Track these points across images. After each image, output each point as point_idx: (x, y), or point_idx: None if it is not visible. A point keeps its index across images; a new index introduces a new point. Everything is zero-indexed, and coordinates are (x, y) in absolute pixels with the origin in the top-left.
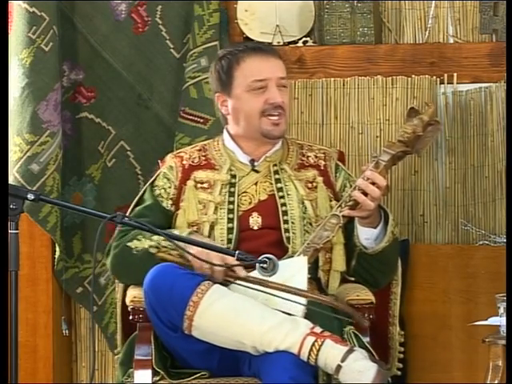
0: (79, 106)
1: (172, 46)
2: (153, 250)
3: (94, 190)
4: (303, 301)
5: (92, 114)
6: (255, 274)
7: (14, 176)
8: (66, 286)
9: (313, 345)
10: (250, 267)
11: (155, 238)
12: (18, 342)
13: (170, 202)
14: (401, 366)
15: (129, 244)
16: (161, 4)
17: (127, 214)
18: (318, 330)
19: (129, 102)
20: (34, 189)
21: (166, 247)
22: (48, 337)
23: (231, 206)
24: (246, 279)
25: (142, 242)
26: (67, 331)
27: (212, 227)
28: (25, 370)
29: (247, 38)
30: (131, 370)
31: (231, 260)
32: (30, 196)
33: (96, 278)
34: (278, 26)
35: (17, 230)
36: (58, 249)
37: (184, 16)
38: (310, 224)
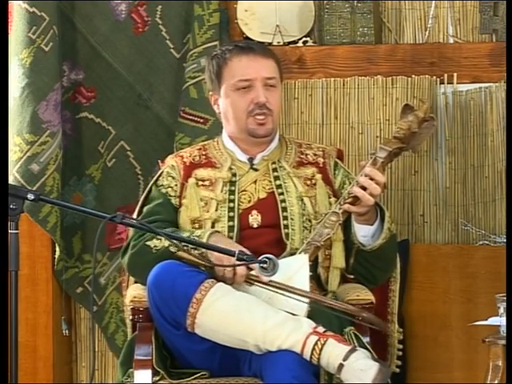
0: (79, 105)
1: (172, 46)
2: (173, 249)
3: (93, 189)
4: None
5: (92, 114)
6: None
7: (13, 176)
8: (66, 285)
9: (315, 344)
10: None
11: None
12: (17, 342)
13: (178, 199)
14: (399, 363)
15: (148, 243)
16: (161, 4)
17: (134, 215)
18: (320, 329)
19: (129, 102)
20: (34, 189)
21: (186, 246)
22: (48, 337)
23: (231, 204)
24: (268, 284)
25: (162, 241)
26: (67, 331)
27: (213, 225)
28: (25, 370)
29: (247, 38)
30: (131, 370)
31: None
32: (30, 196)
33: (96, 278)
34: (278, 25)
35: (17, 230)
36: (57, 249)
37: (184, 16)
38: (309, 221)
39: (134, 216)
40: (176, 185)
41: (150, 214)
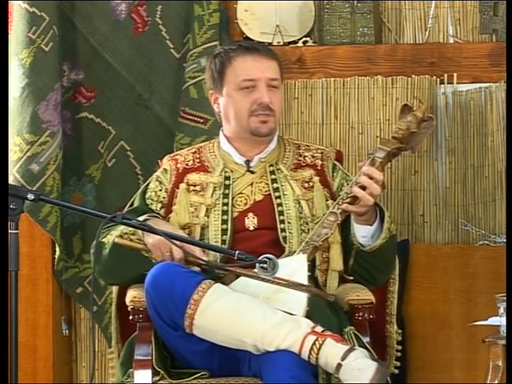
0: (79, 105)
1: (172, 46)
2: (117, 240)
3: (93, 190)
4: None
5: (92, 114)
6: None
7: (13, 176)
8: (66, 285)
9: (313, 344)
10: (249, 267)
11: (120, 228)
12: (17, 342)
13: (160, 205)
14: (398, 364)
15: (103, 240)
16: (161, 4)
17: None
18: (319, 329)
19: (129, 102)
20: (34, 189)
21: (127, 233)
22: (48, 337)
23: (225, 208)
24: (208, 264)
25: (112, 235)
26: (67, 331)
27: (203, 229)
28: (25, 370)
29: (247, 38)
30: (131, 370)
31: (195, 250)
32: (30, 196)
33: (96, 278)
34: (277, 25)
35: (17, 230)
36: (57, 249)
37: (184, 16)
38: (307, 224)
39: None
40: (161, 190)
41: None
